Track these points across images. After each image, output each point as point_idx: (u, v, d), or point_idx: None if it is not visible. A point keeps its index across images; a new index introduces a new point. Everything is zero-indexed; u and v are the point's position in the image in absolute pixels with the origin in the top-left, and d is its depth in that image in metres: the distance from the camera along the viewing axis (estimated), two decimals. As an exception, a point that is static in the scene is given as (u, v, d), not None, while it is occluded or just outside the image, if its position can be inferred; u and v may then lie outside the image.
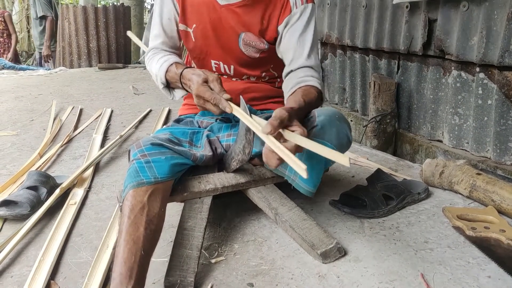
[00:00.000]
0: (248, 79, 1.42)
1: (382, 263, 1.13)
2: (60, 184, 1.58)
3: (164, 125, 2.62)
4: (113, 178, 1.78)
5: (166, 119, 2.78)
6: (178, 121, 1.45)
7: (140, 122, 2.73)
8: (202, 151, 1.24)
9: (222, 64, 1.38)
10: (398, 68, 2.49)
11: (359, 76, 2.84)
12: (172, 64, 1.26)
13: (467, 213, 1.36)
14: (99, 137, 2.31)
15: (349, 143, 1.22)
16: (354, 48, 2.89)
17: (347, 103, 3.03)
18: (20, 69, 5.33)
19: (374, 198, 1.41)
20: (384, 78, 2.43)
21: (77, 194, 1.57)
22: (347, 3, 2.89)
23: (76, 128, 2.57)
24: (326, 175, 1.71)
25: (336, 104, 3.18)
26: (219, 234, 1.31)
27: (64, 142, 2.23)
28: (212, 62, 1.39)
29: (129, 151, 1.17)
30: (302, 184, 1.18)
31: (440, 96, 2.19)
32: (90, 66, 5.99)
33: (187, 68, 1.22)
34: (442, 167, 1.59)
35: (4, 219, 1.40)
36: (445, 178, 1.57)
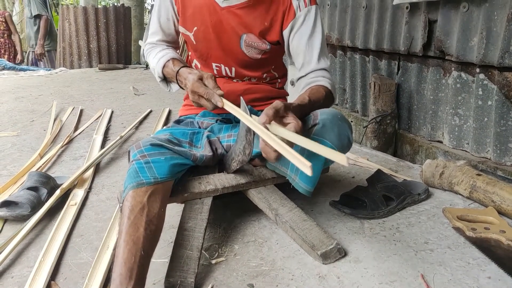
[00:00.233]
0: (249, 80, 1.42)
1: (382, 264, 1.13)
2: (61, 184, 1.58)
3: (164, 125, 2.63)
4: (113, 178, 1.78)
5: (167, 120, 2.78)
6: (178, 122, 1.45)
7: (141, 122, 2.73)
8: (202, 151, 1.25)
9: (223, 66, 1.38)
10: (398, 69, 2.49)
11: (359, 77, 2.84)
12: (169, 60, 1.30)
13: (467, 213, 1.36)
14: (99, 137, 2.31)
15: (349, 144, 1.22)
16: (354, 49, 2.90)
17: (347, 104, 3.03)
18: (21, 69, 5.33)
19: (374, 199, 1.41)
20: (384, 78, 2.43)
21: (77, 194, 1.57)
22: (347, 4, 2.89)
23: (76, 128, 2.57)
24: (326, 175, 1.71)
25: (336, 104, 3.18)
26: (220, 234, 1.31)
27: (65, 143, 2.23)
28: (213, 65, 1.39)
29: (129, 152, 1.17)
30: (301, 183, 1.18)
31: (440, 96, 2.20)
32: (90, 66, 6.00)
33: (184, 67, 1.25)
34: (442, 168, 1.59)
35: (5, 220, 1.40)
36: (445, 179, 1.57)
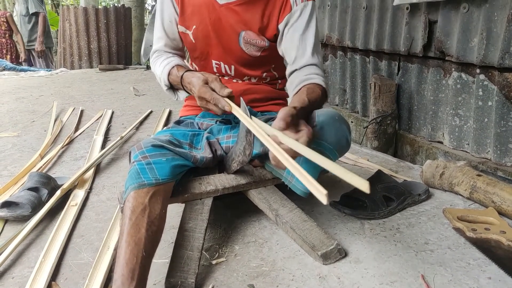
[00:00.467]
0: (249, 80, 1.42)
1: (383, 264, 1.13)
2: (61, 185, 1.58)
3: (164, 126, 2.63)
4: (114, 179, 1.78)
5: (167, 121, 2.78)
6: (178, 122, 1.45)
7: (141, 123, 2.73)
8: (202, 153, 1.25)
9: (223, 64, 1.38)
10: (399, 70, 2.49)
11: (360, 78, 2.84)
12: (173, 67, 1.29)
13: (467, 214, 1.36)
14: (100, 138, 2.32)
15: (348, 145, 1.22)
16: (354, 50, 2.90)
17: (348, 104, 3.03)
18: (21, 70, 5.34)
19: (374, 199, 1.41)
20: (384, 79, 2.44)
21: (78, 195, 1.57)
22: (348, 5, 2.90)
23: (77, 129, 2.57)
24: (327, 176, 1.70)
25: (336, 105, 3.18)
26: (220, 235, 1.31)
27: (65, 143, 2.23)
28: (213, 63, 1.39)
29: (130, 152, 1.17)
30: (298, 185, 1.18)
31: (440, 97, 2.20)
32: (91, 67, 6.01)
33: (187, 71, 1.24)
34: (443, 169, 1.59)
35: (5, 220, 1.41)
36: (445, 180, 1.57)
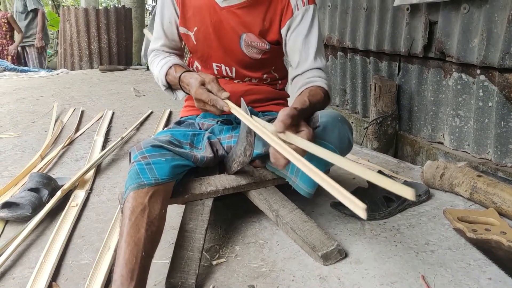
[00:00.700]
0: (249, 81, 1.42)
1: (383, 265, 1.13)
2: (62, 186, 1.58)
3: (165, 127, 2.63)
4: (114, 180, 1.78)
5: (167, 121, 2.78)
6: (179, 123, 1.45)
7: (141, 124, 2.73)
8: (202, 152, 1.25)
9: (223, 66, 1.38)
10: (399, 70, 2.49)
11: (360, 78, 2.85)
12: (171, 67, 1.29)
13: (467, 215, 1.36)
14: (100, 139, 2.32)
15: (350, 146, 1.23)
16: (355, 50, 2.90)
17: (348, 105, 3.03)
18: (22, 71, 5.34)
19: (375, 200, 1.41)
20: (385, 80, 2.44)
21: (78, 196, 1.57)
22: (348, 5, 2.90)
23: (77, 130, 2.57)
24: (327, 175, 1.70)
25: (337, 106, 3.18)
26: (220, 236, 1.31)
27: (66, 144, 2.24)
28: (214, 65, 1.39)
29: (129, 153, 1.17)
30: (302, 185, 1.18)
31: (440, 98, 2.20)
32: (91, 68, 6.01)
33: (185, 72, 1.24)
34: (443, 169, 1.59)
35: (6, 221, 1.41)
36: (445, 180, 1.57)
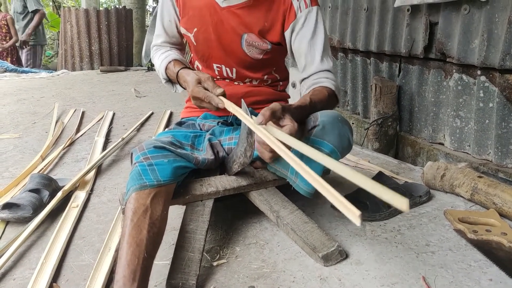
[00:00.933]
0: (250, 83, 1.42)
1: (384, 266, 1.13)
2: (62, 186, 1.58)
3: (166, 127, 2.63)
4: (115, 180, 1.79)
5: (168, 122, 2.78)
6: (180, 124, 1.45)
7: (142, 124, 2.73)
8: (204, 154, 1.25)
9: (224, 67, 1.38)
10: (400, 71, 2.49)
11: (361, 79, 2.85)
12: (170, 62, 1.33)
13: (468, 216, 1.36)
14: (101, 139, 2.32)
15: (350, 146, 1.23)
16: (355, 51, 2.90)
17: (349, 106, 3.03)
18: (23, 72, 5.35)
19: (375, 201, 1.41)
20: (385, 81, 2.44)
21: (79, 196, 1.57)
22: (349, 6, 2.90)
23: (78, 130, 2.57)
24: (328, 177, 1.70)
25: (337, 107, 3.18)
26: (221, 236, 1.31)
27: (66, 145, 2.24)
28: (215, 66, 1.39)
29: (131, 154, 1.18)
30: (302, 185, 1.18)
31: (441, 99, 2.20)
32: (92, 68, 6.02)
33: (183, 68, 1.27)
34: (444, 170, 1.59)
35: (7, 222, 1.41)
36: (446, 181, 1.57)
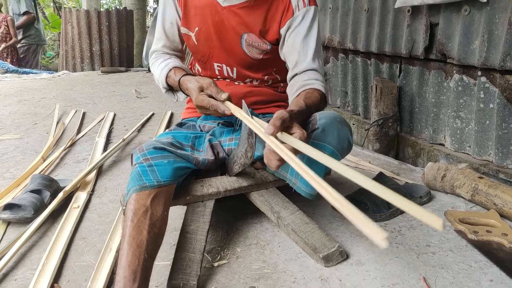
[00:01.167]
0: (251, 83, 1.43)
1: (384, 267, 1.14)
2: (63, 187, 1.59)
3: (166, 128, 2.63)
4: (116, 181, 1.79)
5: (169, 123, 2.79)
6: (180, 125, 1.46)
7: (143, 125, 2.74)
8: (204, 155, 1.25)
9: (225, 66, 1.39)
10: (400, 72, 2.49)
11: (361, 80, 2.85)
12: (171, 70, 1.30)
13: (469, 216, 1.36)
14: (102, 140, 2.32)
15: (350, 147, 1.23)
16: (356, 52, 2.90)
17: (349, 107, 3.04)
18: (23, 72, 5.36)
19: (376, 201, 1.41)
20: (386, 81, 2.44)
21: (80, 197, 1.58)
22: (349, 7, 2.90)
23: (79, 131, 2.58)
24: (329, 178, 1.71)
25: (338, 107, 3.19)
26: (222, 237, 1.31)
27: (67, 146, 2.24)
28: (215, 65, 1.39)
29: (131, 155, 1.18)
30: (303, 187, 1.18)
31: (442, 99, 2.20)
32: (93, 69, 6.02)
33: (184, 75, 1.25)
34: (444, 171, 1.59)
35: (8, 223, 1.41)
36: (447, 182, 1.57)
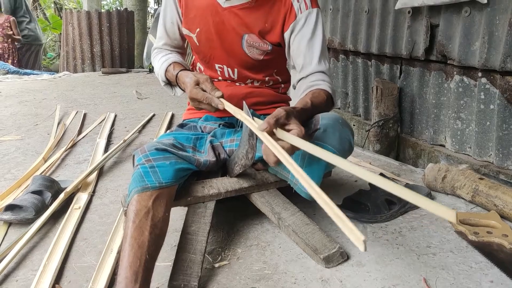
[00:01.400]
0: (252, 84, 1.43)
1: (385, 268, 1.14)
2: (65, 188, 1.59)
3: (167, 129, 2.64)
4: (117, 182, 1.79)
5: (169, 124, 2.79)
6: (181, 126, 1.46)
7: (144, 126, 2.74)
8: (205, 156, 1.25)
9: (226, 67, 1.39)
10: (401, 73, 2.49)
11: (362, 81, 2.85)
12: (170, 64, 1.34)
13: (469, 217, 1.36)
14: (102, 141, 2.32)
15: (351, 149, 1.23)
16: (356, 53, 2.90)
17: (350, 108, 3.04)
18: (25, 73, 5.37)
19: (376, 202, 1.41)
20: (386, 83, 2.44)
21: (81, 198, 1.58)
22: (350, 8, 2.90)
23: (80, 132, 2.58)
24: (329, 179, 1.71)
25: (338, 108, 3.19)
26: (222, 238, 1.31)
27: (68, 147, 2.24)
28: (216, 66, 1.40)
29: (133, 156, 1.18)
30: (304, 188, 1.18)
31: (442, 101, 2.20)
32: (93, 70, 6.03)
33: (182, 70, 1.28)
34: (445, 172, 1.59)
35: (9, 224, 1.41)
36: (447, 183, 1.57)
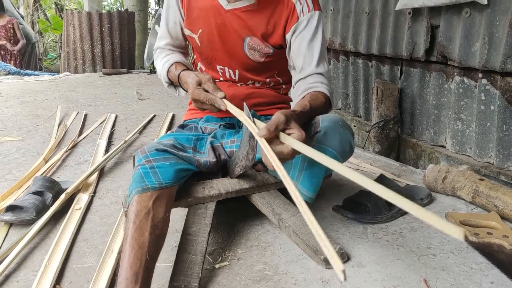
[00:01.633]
0: (253, 85, 1.43)
1: (385, 269, 1.14)
2: (65, 189, 1.59)
3: (168, 130, 2.64)
4: (117, 183, 1.79)
5: (170, 124, 2.79)
6: (182, 126, 1.46)
7: (144, 127, 2.74)
8: (205, 157, 1.26)
9: (227, 69, 1.39)
10: (401, 74, 2.49)
11: (362, 82, 2.85)
12: (172, 65, 1.33)
13: (470, 218, 1.36)
14: (103, 142, 2.33)
15: (351, 150, 1.23)
16: (357, 54, 2.91)
17: (350, 109, 3.04)
18: (25, 74, 5.38)
19: (377, 203, 1.41)
20: (387, 83, 2.44)
21: (82, 199, 1.58)
22: (350, 9, 2.91)
23: (80, 133, 2.59)
24: (330, 180, 1.71)
25: (339, 109, 3.19)
26: (223, 239, 1.31)
27: (69, 147, 2.25)
28: (218, 67, 1.40)
29: (133, 157, 1.18)
30: (302, 190, 1.18)
31: (442, 101, 2.20)
32: (94, 71, 6.04)
33: (184, 70, 1.28)
34: (445, 173, 1.59)
35: (10, 224, 1.42)
36: (448, 184, 1.57)
